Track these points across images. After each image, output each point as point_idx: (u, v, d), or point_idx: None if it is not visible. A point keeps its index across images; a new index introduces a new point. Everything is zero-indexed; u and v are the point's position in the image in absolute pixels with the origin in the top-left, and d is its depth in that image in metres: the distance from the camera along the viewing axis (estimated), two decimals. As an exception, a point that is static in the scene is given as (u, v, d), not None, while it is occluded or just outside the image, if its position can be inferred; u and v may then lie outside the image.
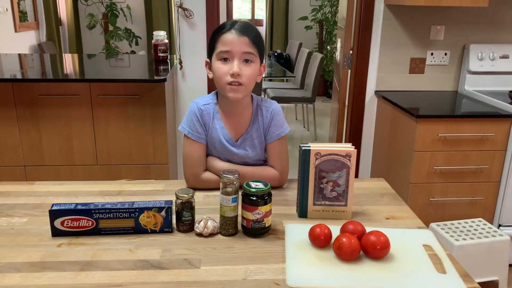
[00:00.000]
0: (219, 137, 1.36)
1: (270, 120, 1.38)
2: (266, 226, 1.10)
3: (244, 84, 1.28)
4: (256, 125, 1.38)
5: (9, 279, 0.91)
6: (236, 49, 1.25)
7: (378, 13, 2.64)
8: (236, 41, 1.24)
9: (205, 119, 1.36)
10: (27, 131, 2.31)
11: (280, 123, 1.39)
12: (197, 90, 2.77)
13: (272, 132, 1.38)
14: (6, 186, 1.38)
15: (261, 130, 1.39)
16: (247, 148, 1.38)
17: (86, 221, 1.07)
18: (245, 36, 1.25)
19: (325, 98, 6.56)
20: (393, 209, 1.27)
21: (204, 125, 1.36)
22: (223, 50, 1.26)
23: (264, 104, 1.40)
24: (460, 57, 2.72)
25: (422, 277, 0.93)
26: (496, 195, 2.35)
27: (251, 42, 1.26)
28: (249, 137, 1.38)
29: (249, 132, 1.38)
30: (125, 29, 5.68)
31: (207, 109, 1.36)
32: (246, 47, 1.26)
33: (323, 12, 6.32)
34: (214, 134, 1.36)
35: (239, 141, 1.38)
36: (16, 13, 4.50)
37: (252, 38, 1.26)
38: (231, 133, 1.37)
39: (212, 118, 1.36)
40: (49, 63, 3.05)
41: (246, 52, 1.26)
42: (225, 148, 1.37)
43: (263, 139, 1.39)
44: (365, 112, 2.82)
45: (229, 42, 1.25)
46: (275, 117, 1.38)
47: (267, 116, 1.38)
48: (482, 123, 2.22)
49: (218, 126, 1.36)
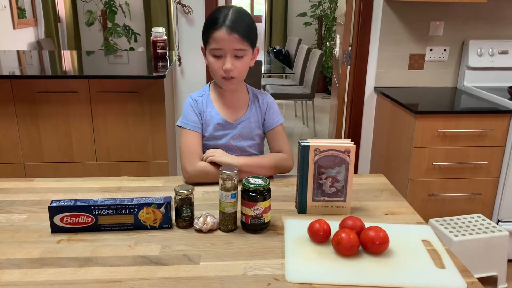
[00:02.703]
0: (214, 121, 1.43)
1: (267, 109, 1.48)
2: (265, 222, 1.10)
3: (237, 77, 1.36)
4: (254, 110, 1.47)
5: (9, 275, 0.92)
6: (227, 47, 1.31)
7: (377, 9, 2.64)
8: (227, 40, 1.30)
9: (199, 108, 1.44)
10: (26, 128, 2.31)
11: (277, 111, 1.50)
12: (196, 86, 2.76)
13: (272, 119, 1.48)
14: (5, 182, 1.38)
15: (259, 116, 1.47)
16: (243, 130, 1.45)
17: (86, 217, 1.07)
18: (235, 33, 1.30)
19: (324, 94, 6.56)
20: (392, 204, 1.27)
21: (199, 114, 1.43)
22: (215, 48, 1.33)
23: (259, 94, 1.50)
24: (459, 53, 2.72)
25: (421, 272, 0.94)
26: (495, 191, 2.35)
27: (242, 38, 1.31)
28: (246, 119, 1.46)
29: (247, 115, 1.46)
30: (123, 26, 5.66)
31: (200, 99, 1.46)
32: (237, 44, 1.31)
33: (322, 8, 6.31)
34: (209, 120, 1.44)
35: (235, 122, 1.44)
36: (15, 9, 4.49)
37: (242, 33, 1.31)
38: (226, 117, 1.44)
39: (206, 107, 1.44)
40: (47, 60, 3.04)
41: (237, 49, 1.32)
42: (222, 129, 1.43)
43: (260, 125, 1.47)
44: (364, 108, 2.82)
45: (220, 40, 1.30)
46: (272, 105, 1.49)
47: (263, 104, 1.48)
48: (481, 119, 2.22)
49: (213, 112, 1.44)
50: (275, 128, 1.47)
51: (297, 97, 4.76)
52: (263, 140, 1.54)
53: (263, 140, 1.53)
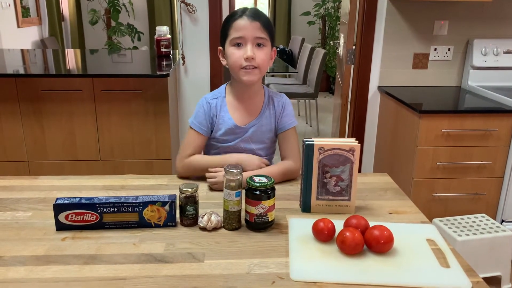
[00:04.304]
0: (226, 124, 1.42)
1: (282, 110, 1.45)
2: (270, 221, 1.10)
3: (258, 67, 1.34)
4: (267, 114, 1.45)
5: (14, 272, 0.92)
6: (249, 34, 1.30)
7: (382, 8, 2.63)
8: (249, 26, 1.30)
9: (212, 111, 1.43)
10: (30, 126, 2.32)
11: (292, 113, 1.47)
12: (200, 85, 2.77)
13: (285, 122, 1.45)
14: (10, 180, 1.38)
15: (272, 119, 1.45)
16: (254, 133, 1.43)
17: (90, 215, 1.07)
18: (256, 21, 1.30)
19: (327, 93, 6.55)
20: (397, 203, 1.27)
21: (211, 118, 1.43)
22: (236, 36, 1.31)
23: (275, 96, 1.48)
24: (463, 52, 2.71)
25: (426, 271, 0.93)
26: (499, 191, 2.35)
27: (263, 27, 1.31)
28: (258, 123, 1.44)
29: (259, 119, 1.44)
30: (127, 25, 5.67)
31: (214, 102, 1.44)
32: (259, 32, 1.31)
33: (326, 7, 6.30)
34: (221, 124, 1.43)
35: (247, 126, 1.43)
36: (19, 8, 4.50)
37: (263, 22, 1.32)
38: (239, 121, 1.43)
39: (220, 110, 1.43)
40: (51, 58, 3.05)
41: (258, 37, 1.32)
42: (233, 133, 1.42)
43: (273, 129, 1.46)
44: (368, 107, 2.81)
45: (242, 27, 1.30)
46: (287, 107, 1.47)
47: (278, 106, 1.46)
48: (485, 119, 2.22)
49: (225, 117, 1.43)
50: (287, 130, 1.45)
51: (301, 96, 4.75)
52: (275, 144, 1.51)
53: (274, 144, 1.51)
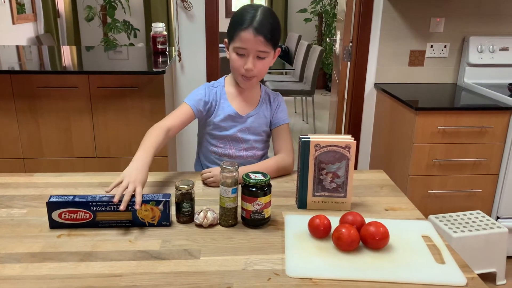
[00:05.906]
0: (226, 111, 1.46)
1: (277, 107, 1.52)
2: (266, 217, 1.10)
3: (257, 76, 1.40)
4: (264, 107, 1.50)
5: (10, 269, 0.92)
6: (251, 48, 1.34)
7: (378, 5, 2.63)
8: (252, 41, 1.32)
9: (212, 97, 1.47)
10: (25, 123, 2.31)
11: (285, 111, 1.54)
12: (196, 82, 2.76)
13: (280, 118, 1.51)
14: (6, 177, 1.38)
15: (268, 113, 1.51)
16: (252, 124, 1.47)
17: (84, 213, 1.07)
18: (260, 36, 1.32)
19: (324, 91, 6.55)
20: (392, 200, 1.28)
21: (210, 102, 1.46)
22: (239, 47, 1.35)
23: (270, 93, 1.55)
24: (459, 49, 2.71)
25: (421, 267, 0.94)
26: (495, 188, 2.36)
27: (266, 41, 1.33)
28: (256, 114, 1.49)
29: (257, 110, 1.49)
30: (123, 21, 5.65)
31: (215, 90, 1.49)
32: (261, 46, 1.34)
33: (322, 4, 6.30)
34: (220, 111, 1.47)
35: (246, 115, 1.47)
36: (14, 5, 4.47)
37: (267, 35, 1.33)
38: (238, 110, 1.47)
39: (220, 98, 1.48)
40: (47, 55, 3.03)
41: (260, 51, 1.35)
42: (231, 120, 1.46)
43: (268, 122, 1.51)
44: (364, 104, 2.82)
45: (246, 40, 1.33)
46: (282, 104, 1.54)
47: (274, 102, 1.52)
48: (481, 116, 2.22)
49: (225, 104, 1.47)
50: (280, 126, 1.50)
51: (297, 93, 4.75)
52: (269, 139, 1.57)
53: (269, 138, 1.56)
